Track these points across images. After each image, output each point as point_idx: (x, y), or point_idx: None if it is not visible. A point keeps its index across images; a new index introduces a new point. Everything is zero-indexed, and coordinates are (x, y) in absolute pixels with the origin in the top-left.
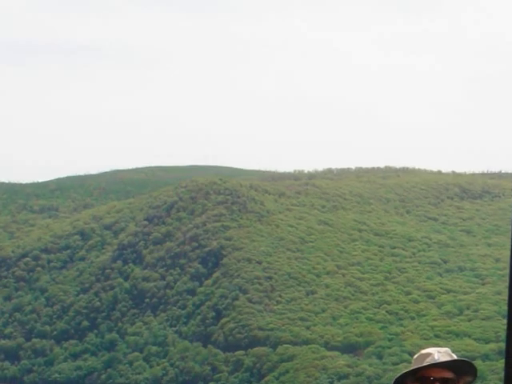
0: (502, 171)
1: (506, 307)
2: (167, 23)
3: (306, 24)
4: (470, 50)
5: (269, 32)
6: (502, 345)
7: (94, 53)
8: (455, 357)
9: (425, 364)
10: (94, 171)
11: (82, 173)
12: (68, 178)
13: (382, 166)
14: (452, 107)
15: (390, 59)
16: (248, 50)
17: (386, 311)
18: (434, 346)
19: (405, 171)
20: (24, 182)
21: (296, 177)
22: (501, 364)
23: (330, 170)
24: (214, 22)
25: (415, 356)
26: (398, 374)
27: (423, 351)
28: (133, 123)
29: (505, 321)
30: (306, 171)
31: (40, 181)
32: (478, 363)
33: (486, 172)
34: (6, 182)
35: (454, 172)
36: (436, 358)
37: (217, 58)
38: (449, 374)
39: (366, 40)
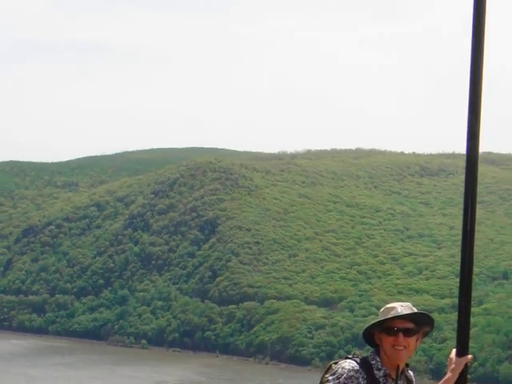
0: (456, 152)
1: (458, 268)
2: (167, 23)
3: (295, 24)
4: (428, 48)
5: (264, 31)
6: (455, 300)
7: (97, 52)
8: (415, 310)
9: (390, 316)
10: (108, 152)
11: (98, 154)
12: (86, 158)
13: (353, 147)
14: (413, 98)
15: (363, 57)
16: (243, 48)
17: (357, 271)
18: (397, 301)
19: (373, 152)
20: (49, 161)
21: (280, 157)
22: (454, 316)
23: (309, 151)
24: (213, 22)
25: (381, 309)
26: (367, 325)
27: (388, 305)
28: (141, 113)
29: (457, 279)
30: (288, 152)
31: (63, 160)
32: (434, 315)
33: (441, 153)
34: (34, 161)
35: (414, 153)
36: (399, 311)
37: (214, 55)
38: (410, 325)
39: (344, 39)
